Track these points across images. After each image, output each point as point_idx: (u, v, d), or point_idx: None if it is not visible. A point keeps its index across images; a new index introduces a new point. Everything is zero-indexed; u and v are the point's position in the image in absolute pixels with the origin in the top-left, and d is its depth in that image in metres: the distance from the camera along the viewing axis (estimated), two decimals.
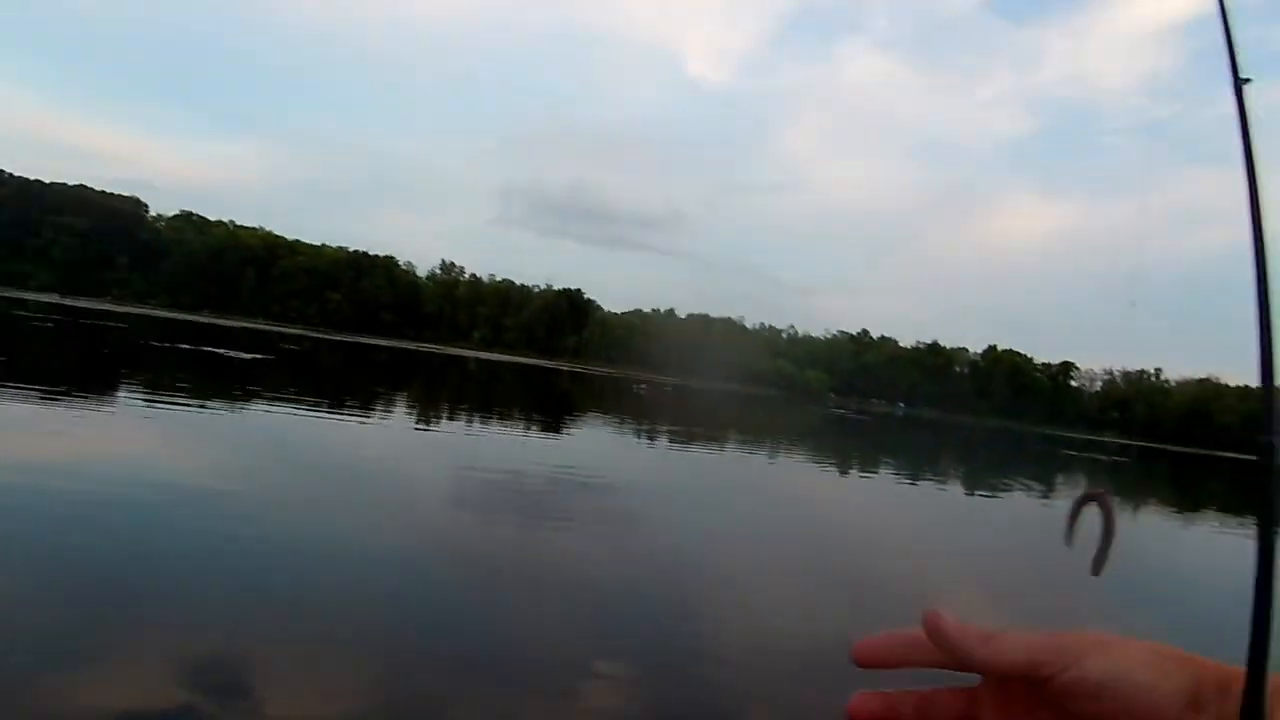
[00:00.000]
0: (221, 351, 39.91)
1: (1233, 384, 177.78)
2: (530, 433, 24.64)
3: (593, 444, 24.13)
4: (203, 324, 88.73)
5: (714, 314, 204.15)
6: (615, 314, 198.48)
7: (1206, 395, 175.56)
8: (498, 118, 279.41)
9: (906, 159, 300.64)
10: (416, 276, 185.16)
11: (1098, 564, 0.74)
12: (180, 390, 21.88)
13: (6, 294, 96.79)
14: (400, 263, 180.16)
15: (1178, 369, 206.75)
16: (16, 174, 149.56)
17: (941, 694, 0.68)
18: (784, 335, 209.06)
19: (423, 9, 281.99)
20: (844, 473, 25.78)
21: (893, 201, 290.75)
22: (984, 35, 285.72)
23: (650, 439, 28.35)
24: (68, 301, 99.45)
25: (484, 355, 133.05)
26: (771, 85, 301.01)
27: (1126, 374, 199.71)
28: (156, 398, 19.25)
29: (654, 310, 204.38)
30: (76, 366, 26.07)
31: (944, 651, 0.64)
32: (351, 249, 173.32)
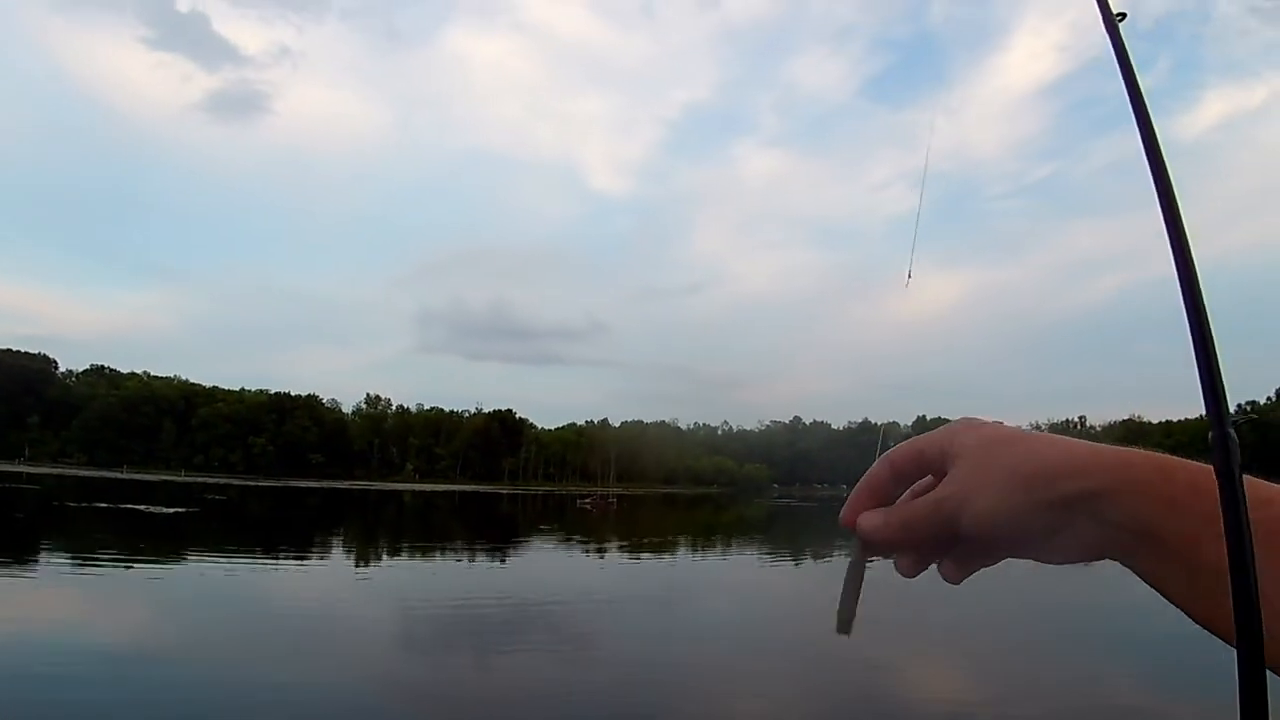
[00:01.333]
0: (143, 508, 38.08)
1: (1155, 420, 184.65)
2: (476, 562, 23.88)
3: (543, 566, 23.47)
4: (122, 480, 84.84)
5: (647, 419, 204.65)
6: (549, 430, 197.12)
7: (1131, 435, 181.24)
8: (409, 245, 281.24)
9: (811, 246, 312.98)
10: (342, 413, 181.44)
11: (845, 617, 0.63)
12: (101, 552, 20.61)
13: None
14: (324, 401, 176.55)
15: (1101, 414, 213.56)
16: None
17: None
18: (719, 432, 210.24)
19: (323, 145, 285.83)
20: (798, 562, 25.52)
21: (804, 288, 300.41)
22: (864, 121, 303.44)
23: (600, 554, 27.73)
24: None
25: (419, 487, 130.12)
26: (673, 190, 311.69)
27: (1053, 425, 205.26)
28: (76, 561, 18.07)
29: (588, 422, 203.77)
30: None
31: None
32: (273, 391, 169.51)
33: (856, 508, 0.66)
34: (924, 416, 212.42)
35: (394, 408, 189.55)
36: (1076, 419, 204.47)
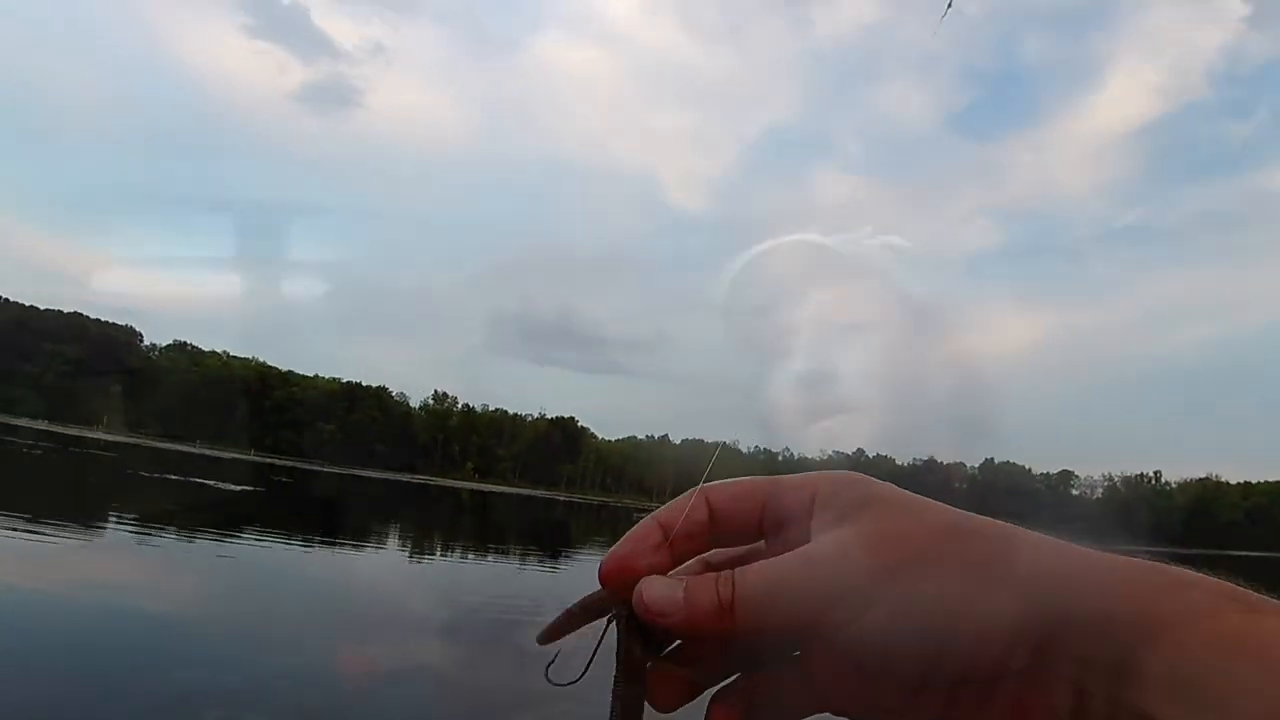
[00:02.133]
0: (211, 483, 38.98)
1: (1233, 481, 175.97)
2: (528, 564, 23.71)
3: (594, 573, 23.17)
4: (194, 454, 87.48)
5: (708, 439, 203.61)
6: (609, 441, 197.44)
7: (1208, 494, 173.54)
8: (484, 246, 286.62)
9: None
10: (410, 406, 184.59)
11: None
12: (166, 522, 20.99)
13: None
14: (393, 393, 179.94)
15: (1177, 470, 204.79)
16: (11, 299, 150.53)
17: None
18: (780, 458, 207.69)
19: (409, 142, 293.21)
20: None
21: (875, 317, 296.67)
22: (950, 154, 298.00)
23: None
24: (58, 429, 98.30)
25: (478, 486, 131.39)
26: (748, 209, 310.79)
27: (1126, 479, 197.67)
28: (140, 528, 18.40)
29: (648, 437, 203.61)
30: (64, 496, 25.19)
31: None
32: (344, 379, 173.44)
33: (631, 557, 0.42)
34: (992, 460, 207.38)
35: (460, 406, 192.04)
36: (1152, 474, 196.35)
